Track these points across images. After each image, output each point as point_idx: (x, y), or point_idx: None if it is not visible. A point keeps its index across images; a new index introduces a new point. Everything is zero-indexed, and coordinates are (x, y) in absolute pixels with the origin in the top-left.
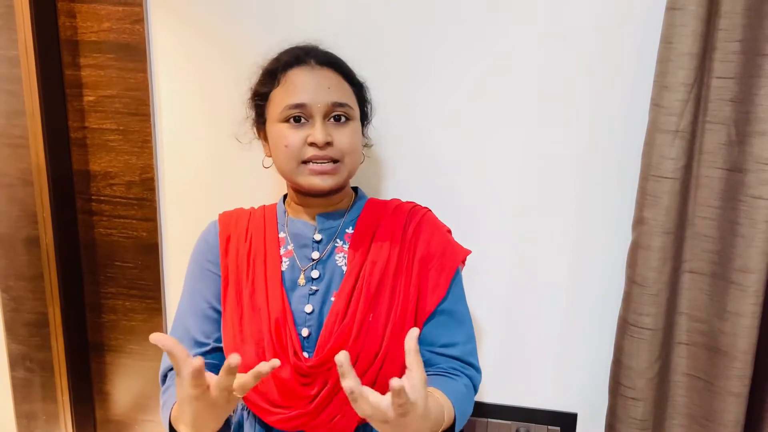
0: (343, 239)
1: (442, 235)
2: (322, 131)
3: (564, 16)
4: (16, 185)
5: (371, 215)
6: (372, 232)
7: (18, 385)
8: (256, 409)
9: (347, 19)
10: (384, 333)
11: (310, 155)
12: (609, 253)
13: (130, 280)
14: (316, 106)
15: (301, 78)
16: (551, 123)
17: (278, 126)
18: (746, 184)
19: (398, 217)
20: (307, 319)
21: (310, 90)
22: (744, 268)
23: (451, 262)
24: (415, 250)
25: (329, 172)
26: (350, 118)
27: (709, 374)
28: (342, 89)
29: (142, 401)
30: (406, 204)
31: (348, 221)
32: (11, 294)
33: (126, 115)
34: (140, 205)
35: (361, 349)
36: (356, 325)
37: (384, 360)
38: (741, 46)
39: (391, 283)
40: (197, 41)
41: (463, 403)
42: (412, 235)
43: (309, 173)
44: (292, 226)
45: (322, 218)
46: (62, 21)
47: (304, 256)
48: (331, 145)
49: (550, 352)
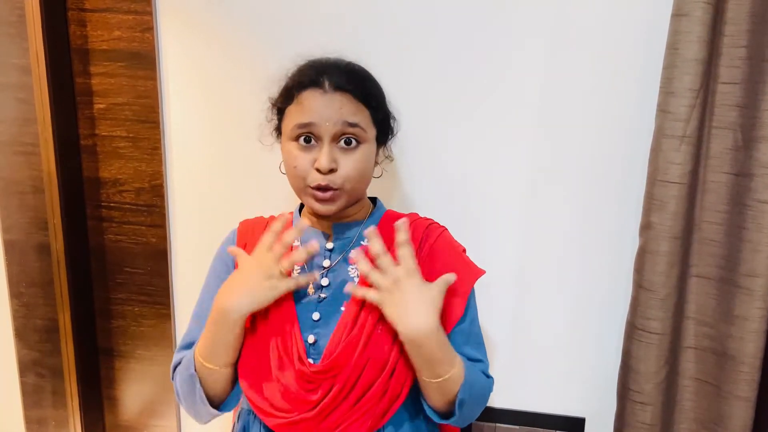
0: (358, 251)
1: (458, 255)
2: (327, 157)
3: (570, 22)
4: (27, 192)
5: (388, 228)
6: (387, 245)
7: (28, 391)
8: (261, 413)
9: (354, 27)
10: (391, 346)
11: (313, 183)
12: (616, 258)
13: (140, 286)
14: (324, 126)
15: (313, 101)
16: (558, 129)
17: (289, 144)
18: (753, 188)
19: (415, 234)
20: (314, 325)
21: (320, 112)
22: (751, 273)
23: (467, 284)
24: (431, 270)
25: (329, 200)
26: (361, 142)
27: (716, 378)
28: (354, 111)
29: (152, 406)
30: (423, 220)
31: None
32: (22, 300)
33: (136, 123)
34: (150, 211)
35: (368, 360)
36: (364, 336)
37: (393, 372)
38: (746, 51)
39: None
40: (206, 49)
41: (474, 376)
42: (428, 253)
43: (312, 198)
44: (306, 235)
45: (338, 228)
46: (73, 30)
47: (316, 264)
48: (335, 171)
49: (558, 356)
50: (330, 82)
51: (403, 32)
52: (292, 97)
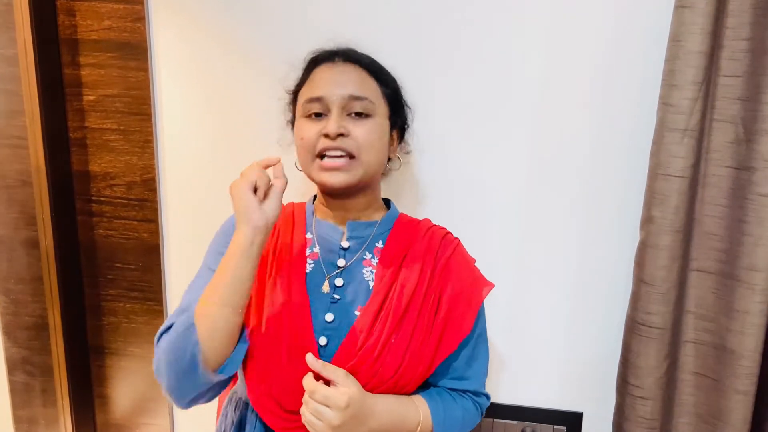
0: (372, 253)
1: (471, 269)
2: (335, 122)
3: (572, 15)
4: (15, 186)
5: (403, 234)
6: (403, 253)
7: (17, 390)
8: (265, 415)
9: (350, 18)
10: (403, 357)
11: (322, 147)
12: (617, 252)
13: (131, 282)
14: (332, 99)
15: (323, 74)
16: (559, 122)
17: (299, 121)
18: (754, 182)
19: (431, 244)
20: (326, 327)
21: (328, 82)
22: (751, 267)
23: (477, 298)
24: (445, 285)
25: (341, 168)
26: (371, 114)
27: (716, 372)
28: (363, 84)
29: (143, 404)
30: (438, 230)
31: (378, 234)
32: (10, 297)
33: (127, 115)
34: (141, 206)
35: (379, 370)
36: (380, 346)
37: (397, 383)
38: (748, 44)
39: (418, 310)
40: (199, 39)
41: (449, 420)
42: (443, 268)
43: (320, 169)
44: (320, 228)
45: (352, 225)
46: (62, 19)
47: (330, 262)
48: (346, 136)
49: (557, 351)
50: (341, 57)
51: (401, 28)
52: (305, 78)
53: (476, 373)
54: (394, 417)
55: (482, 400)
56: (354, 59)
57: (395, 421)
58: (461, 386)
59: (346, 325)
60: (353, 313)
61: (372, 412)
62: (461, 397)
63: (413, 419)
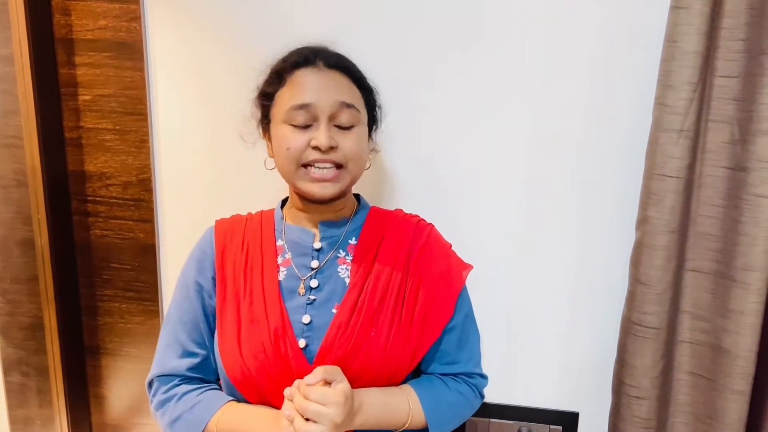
0: (346, 250)
1: (446, 253)
2: (326, 134)
3: (568, 15)
4: (10, 186)
5: (375, 226)
6: (376, 245)
7: (13, 390)
8: None
9: (346, 17)
10: (385, 348)
11: (312, 158)
12: (612, 253)
13: (127, 282)
14: (320, 107)
15: (307, 78)
16: (555, 122)
17: (282, 127)
18: (749, 182)
19: (404, 232)
20: (304, 330)
21: (316, 90)
22: (747, 267)
23: (457, 281)
24: (422, 272)
25: (330, 180)
26: (356, 124)
27: (712, 372)
28: (349, 92)
29: (139, 405)
30: (411, 217)
31: (351, 231)
32: (6, 297)
33: (122, 115)
34: (137, 206)
35: (362, 364)
36: (358, 339)
37: (383, 374)
38: (744, 45)
39: (394, 300)
40: (195, 39)
41: (441, 405)
42: (419, 255)
43: (309, 180)
44: (290, 234)
45: (324, 226)
46: (57, 19)
47: (303, 265)
48: (335, 149)
49: (553, 351)
50: (324, 61)
51: (397, 28)
52: (282, 80)
53: (468, 356)
54: (381, 409)
55: (476, 380)
56: (338, 65)
57: (383, 412)
58: (453, 370)
59: (325, 324)
60: (331, 311)
61: (360, 405)
62: (454, 380)
63: (402, 409)
